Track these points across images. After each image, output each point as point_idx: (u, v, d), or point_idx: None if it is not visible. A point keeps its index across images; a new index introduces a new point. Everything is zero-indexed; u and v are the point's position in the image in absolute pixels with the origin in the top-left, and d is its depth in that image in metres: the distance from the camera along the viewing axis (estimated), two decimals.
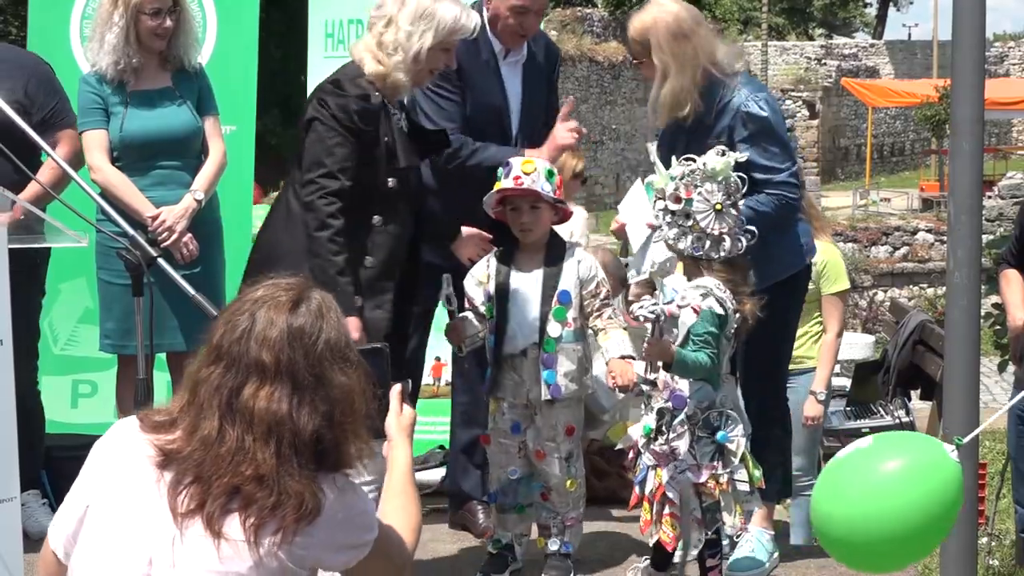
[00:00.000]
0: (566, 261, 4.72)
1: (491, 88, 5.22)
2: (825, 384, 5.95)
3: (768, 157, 4.73)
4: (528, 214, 4.66)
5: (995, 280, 4.91)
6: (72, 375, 6.52)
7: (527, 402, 4.72)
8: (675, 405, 4.33)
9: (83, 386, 6.52)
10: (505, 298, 4.70)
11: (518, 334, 4.70)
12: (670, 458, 4.33)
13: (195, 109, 5.41)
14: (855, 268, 19.02)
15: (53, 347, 6.51)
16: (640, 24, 4.79)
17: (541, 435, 4.72)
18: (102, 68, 5.34)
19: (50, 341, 6.48)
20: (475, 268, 4.80)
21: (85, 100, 5.40)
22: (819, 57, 41.64)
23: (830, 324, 5.94)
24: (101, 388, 6.36)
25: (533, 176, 4.59)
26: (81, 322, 6.43)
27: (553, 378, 4.66)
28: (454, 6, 4.52)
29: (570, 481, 4.75)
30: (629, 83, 32.43)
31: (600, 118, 31.44)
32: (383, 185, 4.44)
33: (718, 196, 4.26)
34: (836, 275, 5.92)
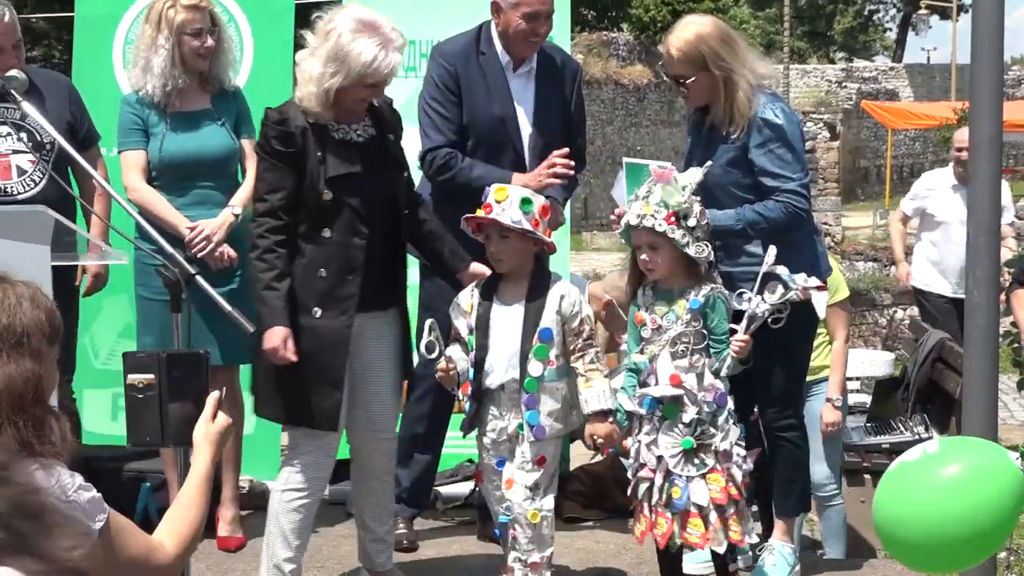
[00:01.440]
0: (548, 295, 4.45)
1: (499, 100, 5.20)
2: (839, 389, 5.97)
3: (780, 165, 4.70)
4: (496, 243, 4.43)
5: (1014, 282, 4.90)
6: (112, 388, 6.52)
7: (508, 436, 4.47)
8: (719, 404, 4.31)
9: (122, 399, 6.53)
10: (485, 331, 4.46)
11: (496, 368, 4.45)
12: (728, 457, 4.31)
13: (233, 131, 5.43)
14: (875, 287, 18.96)
15: (94, 361, 6.53)
16: (684, 42, 4.69)
17: (514, 465, 4.45)
18: (149, 91, 5.35)
19: (91, 355, 6.51)
20: (460, 296, 4.59)
21: (126, 120, 5.42)
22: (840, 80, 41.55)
23: (837, 332, 5.97)
24: None
25: (504, 204, 4.35)
26: (122, 337, 6.45)
27: (536, 419, 4.40)
28: (372, 47, 4.42)
29: (532, 512, 4.40)
30: (653, 105, 32.45)
31: (625, 140, 31.43)
32: (320, 197, 4.48)
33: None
34: (837, 286, 5.95)
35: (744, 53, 4.73)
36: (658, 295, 4.38)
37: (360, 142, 4.61)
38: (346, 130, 4.59)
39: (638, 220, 4.26)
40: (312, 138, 4.50)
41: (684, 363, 4.26)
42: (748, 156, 4.71)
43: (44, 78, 5.50)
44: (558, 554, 5.41)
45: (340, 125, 4.58)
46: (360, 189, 4.53)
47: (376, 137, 4.66)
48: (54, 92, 5.17)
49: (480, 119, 5.16)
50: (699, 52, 4.68)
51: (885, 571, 5.33)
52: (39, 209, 3.73)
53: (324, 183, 4.47)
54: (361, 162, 4.56)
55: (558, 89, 5.33)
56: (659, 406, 4.27)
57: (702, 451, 4.24)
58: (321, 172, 4.48)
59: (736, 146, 4.73)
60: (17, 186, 5.17)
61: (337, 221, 4.50)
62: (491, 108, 5.17)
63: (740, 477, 4.30)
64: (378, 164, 4.62)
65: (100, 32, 6.68)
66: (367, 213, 4.53)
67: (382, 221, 4.59)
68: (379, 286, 4.61)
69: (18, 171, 5.18)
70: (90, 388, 6.45)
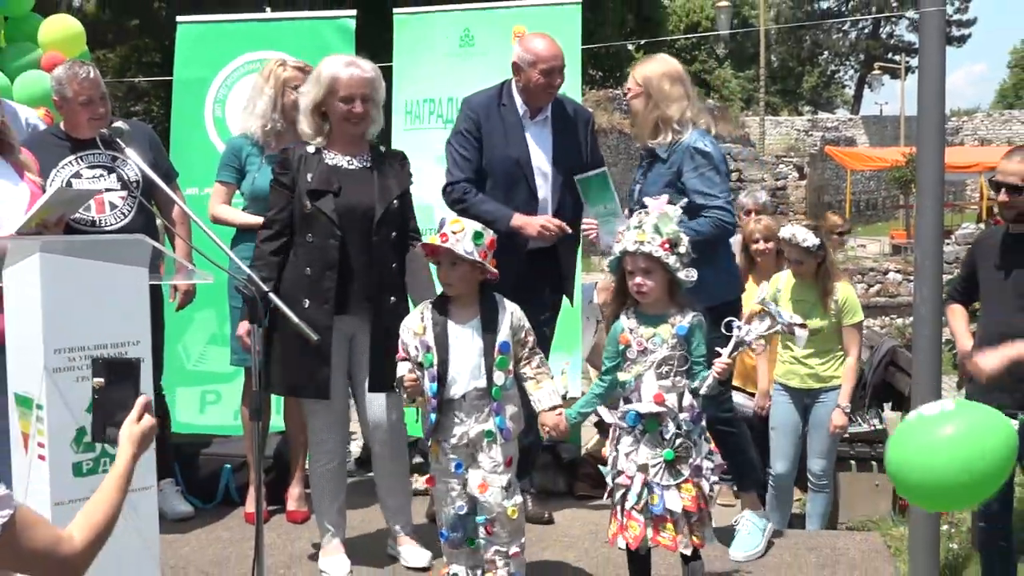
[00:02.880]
0: (500, 315, 4.26)
1: (515, 144, 5.19)
2: (849, 398, 5.87)
3: (709, 185, 4.78)
4: (447, 270, 4.23)
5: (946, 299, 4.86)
6: (201, 387, 6.55)
7: (469, 440, 4.26)
8: (695, 421, 4.05)
9: (209, 395, 6.55)
10: (444, 347, 4.22)
11: (459, 380, 4.22)
12: (699, 471, 4.04)
13: None
14: None
15: (186, 364, 6.55)
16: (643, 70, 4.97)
17: (483, 469, 4.25)
18: (251, 131, 5.42)
19: (183, 359, 6.52)
20: (409, 320, 4.34)
21: (225, 157, 5.53)
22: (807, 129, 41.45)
23: (851, 349, 5.84)
24: (224, 397, 6.39)
25: (459, 235, 4.16)
26: (209, 344, 6.47)
27: (503, 423, 4.23)
28: (338, 63, 4.64)
29: (511, 509, 4.24)
30: None
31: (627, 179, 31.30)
32: (304, 208, 4.58)
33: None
34: (853, 309, 5.86)
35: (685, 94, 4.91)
36: (641, 318, 4.10)
37: (349, 168, 4.68)
38: (339, 158, 4.69)
39: (636, 246, 4.00)
40: (306, 162, 4.66)
41: (668, 383, 4.02)
42: (681, 179, 4.80)
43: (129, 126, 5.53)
44: (570, 526, 5.40)
45: (336, 154, 4.69)
46: (337, 203, 4.59)
47: (368, 169, 4.70)
48: (137, 137, 5.19)
49: (498, 160, 5.16)
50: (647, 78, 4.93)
51: (847, 541, 5.29)
52: (139, 237, 3.75)
53: (305, 195, 4.59)
54: (341, 182, 4.63)
55: (571, 133, 5.32)
56: (641, 421, 4.04)
57: (679, 463, 4.01)
58: (305, 187, 4.60)
59: (671, 171, 4.83)
60: (109, 219, 5.20)
61: (317, 227, 4.59)
62: (508, 151, 5.17)
63: (707, 488, 4.09)
64: (360, 187, 4.64)
65: (194, 92, 6.72)
66: (340, 222, 4.57)
67: (358, 232, 4.60)
68: (361, 289, 4.61)
69: (110, 206, 5.20)
70: (182, 386, 6.46)
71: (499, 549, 4.28)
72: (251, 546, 4.01)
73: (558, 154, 5.24)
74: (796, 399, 5.98)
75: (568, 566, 4.88)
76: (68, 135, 5.28)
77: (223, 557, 5.02)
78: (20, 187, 4.77)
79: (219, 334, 5.80)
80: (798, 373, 5.93)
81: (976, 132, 42.88)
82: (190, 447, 5.94)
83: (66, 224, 4.74)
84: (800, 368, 5.93)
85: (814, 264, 5.81)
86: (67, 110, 5.27)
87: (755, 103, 47.50)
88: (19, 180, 4.79)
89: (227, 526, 5.46)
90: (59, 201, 4.49)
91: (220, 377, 6.31)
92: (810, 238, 5.77)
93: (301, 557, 5.00)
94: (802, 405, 5.99)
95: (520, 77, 5.17)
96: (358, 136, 4.72)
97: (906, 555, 5.00)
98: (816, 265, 5.82)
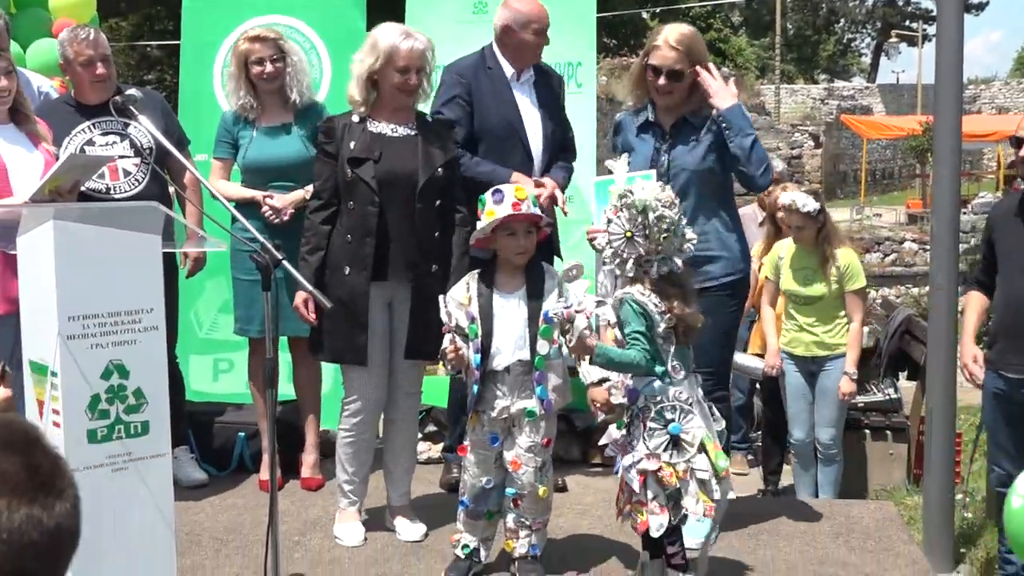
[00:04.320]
0: (547, 283, 4.24)
1: (505, 106, 5.21)
2: (855, 364, 5.88)
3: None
4: (526, 238, 4.19)
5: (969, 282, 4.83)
6: (213, 355, 6.57)
7: (510, 415, 4.24)
8: (629, 400, 3.95)
9: (222, 363, 6.57)
10: (489, 318, 4.20)
11: (503, 351, 4.20)
12: (627, 448, 3.94)
13: (311, 141, 5.42)
14: None
15: (198, 332, 6.56)
16: (683, 36, 4.61)
17: (520, 446, 4.24)
18: (234, 109, 5.46)
19: (195, 327, 6.54)
20: (455, 291, 4.31)
21: (218, 132, 5.54)
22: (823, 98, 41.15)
23: (855, 315, 5.86)
24: (237, 365, 6.41)
25: (527, 203, 4.16)
26: (221, 312, 6.48)
27: (545, 393, 4.20)
28: (396, 33, 4.62)
29: (543, 489, 4.28)
30: None
31: None
32: (346, 177, 4.60)
33: (627, 224, 3.84)
34: (856, 274, 5.87)
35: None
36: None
37: (393, 136, 4.67)
38: (383, 126, 4.68)
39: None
40: (350, 131, 4.66)
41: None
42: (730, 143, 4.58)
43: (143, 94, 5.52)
44: (584, 494, 5.43)
45: (381, 122, 4.68)
46: (377, 170, 4.59)
47: (412, 137, 4.69)
48: (149, 104, 5.18)
49: (491, 123, 5.17)
50: (696, 47, 4.63)
51: (861, 509, 5.30)
52: (152, 205, 3.74)
53: (346, 163, 4.60)
54: (384, 149, 4.63)
55: (552, 93, 5.37)
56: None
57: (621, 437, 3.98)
58: (347, 155, 4.61)
59: (710, 138, 4.64)
60: (123, 185, 5.20)
61: (357, 194, 4.60)
62: (500, 113, 5.18)
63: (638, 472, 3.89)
64: (404, 154, 4.64)
65: (203, 57, 6.70)
66: (380, 189, 4.57)
67: (400, 199, 4.59)
68: (401, 256, 4.62)
69: (123, 173, 5.20)
70: (195, 354, 6.48)
71: (523, 521, 4.31)
72: (265, 513, 4.04)
73: (545, 113, 5.28)
74: (802, 368, 6.00)
75: (582, 535, 4.90)
76: (80, 103, 5.28)
77: (237, 524, 5.05)
78: (34, 155, 4.78)
79: (231, 301, 5.81)
80: (803, 341, 5.95)
81: (993, 101, 42.55)
82: (204, 415, 5.97)
83: (80, 192, 4.75)
84: (805, 336, 5.94)
85: (815, 229, 5.84)
86: (71, 73, 5.29)
87: (770, 72, 47.21)
88: (33, 148, 4.80)
89: (241, 493, 5.50)
90: (72, 167, 4.50)
91: (232, 345, 6.32)
92: (810, 203, 5.79)
93: (315, 524, 5.03)
94: (808, 373, 6.00)
95: (511, 39, 5.18)
96: (408, 105, 4.72)
97: (920, 524, 5.01)
98: (816, 231, 5.83)
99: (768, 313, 6.20)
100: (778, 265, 6.06)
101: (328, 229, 4.66)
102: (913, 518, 5.30)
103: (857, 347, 5.89)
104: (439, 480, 5.61)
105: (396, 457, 4.89)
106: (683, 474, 3.86)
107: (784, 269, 6.01)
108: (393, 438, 4.88)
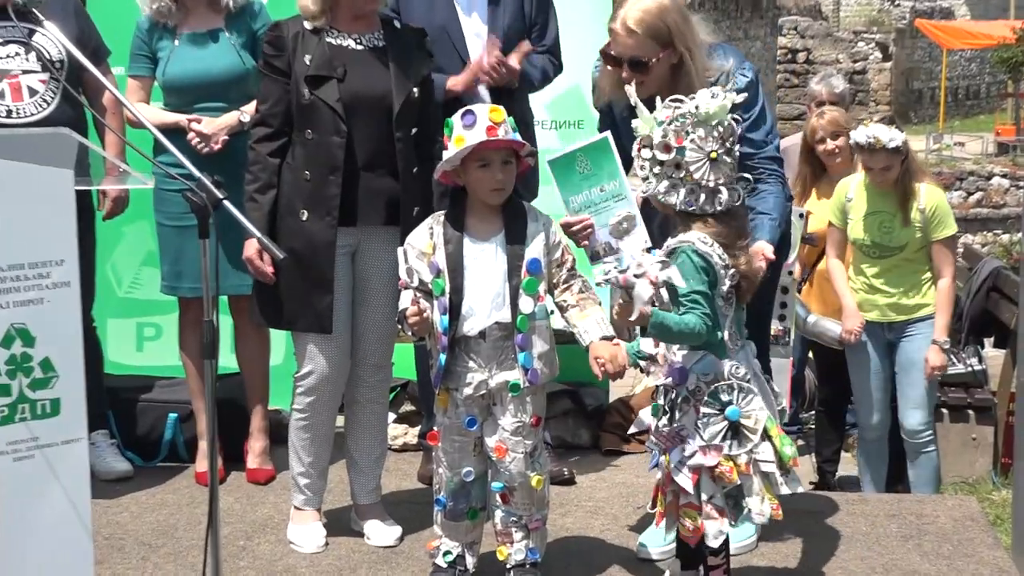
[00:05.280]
0: (530, 224, 4.19)
1: (440, 10, 5.19)
2: (946, 332, 5.82)
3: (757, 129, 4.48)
4: (503, 170, 4.14)
5: None
6: (136, 318, 6.58)
7: (485, 392, 4.21)
8: (675, 380, 3.94)
9: (147, 329, 6.58)
10: (460, 271, 4.15)
11: (477, 312, 4.15)
12: (676, 440, 3.92)
13: (246, 51, 5.40)
14: None
15: (117, 290, 6.57)
16: (645, 14, 4.35)
17: (503, 429, 4.21)
18: (146, 11, 5.43)
19: (114, 284, 6.54)
20: (414, 236, 4.28)
21: (133, 45, 5.52)
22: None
23: (944, 270, 5.79)
24: (166, 331, 6.42)
25: (504, 126, 4.10)
26: (145, 265, 6.47)
27: (530, 362, 4.15)
28: None
29: (536, 479, 4.23)
30: None
31: None
32: (301, 99, 4.59)
33: (712, 144, 3.84)
34: (944, 219, 5.79)
35: (695, 30, 4.44)
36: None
37: (357, 49, 4.68)
38: (345, 36, 4.68)
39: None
40: (303, 42, 4.64)
41: None
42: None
43: None
44: (595, 488, 5.46)
45: (341, 32, 4.68)
46: (342, 91, 4.59)
47: (381, 49, 4.69)
48: (58, 6, 5.15)
49: (425, 27, 5.07)
50: (662, 25, 4.37)
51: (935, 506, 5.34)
52: (62, 131, 3.73)
53: (303, 82, 4.59)
54: (349, 65, 4.63)
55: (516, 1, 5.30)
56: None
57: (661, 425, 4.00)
58: (303, 72, 4.60)
59: None
60: (29, 107, 5.17)
61: (318, 121, 4.60)
62: (432, 18, 5.16)
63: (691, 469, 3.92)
64: (371, 71, 4.65)
65: None
66: (347, 114, 4.58)
67: (370, 126, 4.61)
68: (374, 196, 4.64)
69: (29, 92, 5.18)
70: (114, 318, 6.49)
71: (516, 520, 4.30)
72: (203, 512, 4.06)
73: (497, 10, 5.26)
74: (877, 336, 5.96)
75: (593, 538, 4.95)
76: None
77: (169, 525, 5.08)
78: None
79: (155, 253, 5.81)
80: (876, 304, 5.90)
81: None
82: (127, 392, 5.98)
83: None
84: (879, 297, 5.89)
85: (900, 167, 5.76)
86: None
87: None
88: None
89: (173, 488, 5.53)
90: None
91: (159, 306, 6.33)
92: (896, 136, 5.70)
93: (265, 525, 5.07)
94: (885, 343, 5.97)
95: None
96: (371, 10, 4.72)
97: (1009, 524, 5.05)
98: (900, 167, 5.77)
99: (837, 267, 6.13)
100: (845, 208, 6.01)
101: (278, 163, 4.67)
102: (1000, 517, 5.35)
103: (948, 310, 5.83)
104: (417, 472, 5.65)
105: (362, 444, 4.92)
106: (745, 468, 3.87)
107: (853, 213, 5.97)
108: (359, 421, 4.91)
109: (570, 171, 4.40)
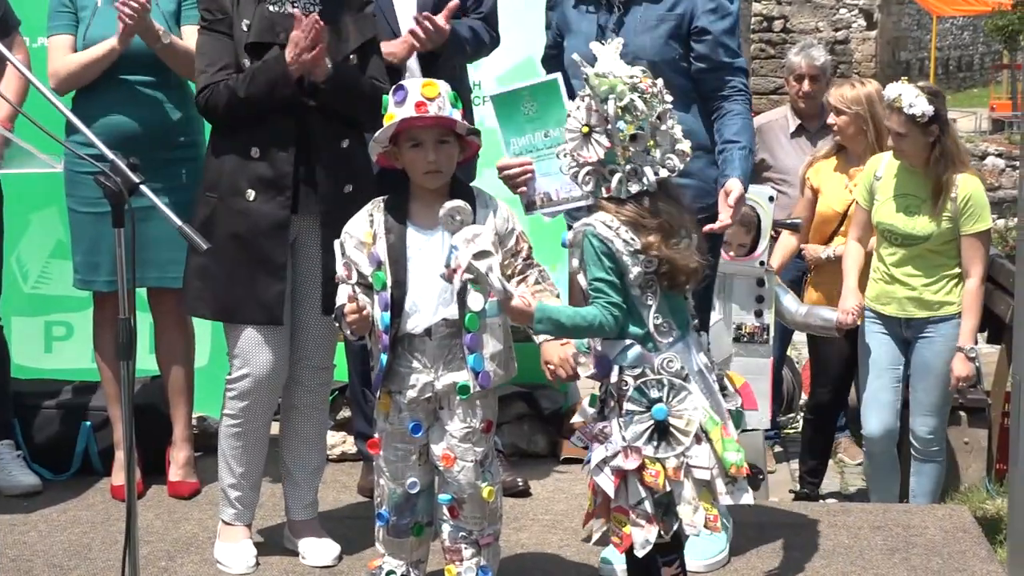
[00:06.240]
0: (479, 211, 4.16)
1: None
2: (973, 338, 5.78)
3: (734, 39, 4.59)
4: (436, 151, 4.14)
5: None
6: (45, 316, 6.55)
7: (431, 395, 4.22)
8: (598, 372, 3.92)
9: (57, 328, 6.55)
10: (402, 263, 4.16)
11: (421, 309, 4.16)
12: (601, 438, 3.90)
13: (172, 16, 5.39)
14: None
15: (23, 285, 6.52)
16: None
17: (451, 435, 4.21)
18: None
19: (19, 278, 6.49)
20: (352, 226, 4.29)
21: (53, 2, 5.45)
22: None
23: (973, 268, 5.75)
24: (77, 330, 6.40)
25: (438, 102, 4.10)
26: (53, 257, 6.44)
27: (481, 364, 4.14)
28: None
29: (488, 489, 4.23)
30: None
31: None
32: (242, 68, 4.61)
33: (583, 116, 3.80)
34: (979, 212, 5.74)
35: None
36: None
37: (296, 9, 4.64)
38: (283, 2, 4.67)
39: None
40: (243, 5, 4.64)
41: None
42: (693, 24, 4.53)
43: None
44: (553, 499, 5.49)
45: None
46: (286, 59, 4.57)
47: (322, 12, 4.66)
48: None
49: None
50: None
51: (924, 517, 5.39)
52: None
53: (243, 49, 4.60)
54: (288, 30, 4.59)
55: None
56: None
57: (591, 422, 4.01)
58: (243, 39, 4.62)
59: (674, 14, 4.54)
60: None
61: None
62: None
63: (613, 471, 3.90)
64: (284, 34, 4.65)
65: None
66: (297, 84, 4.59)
67: (317, 95, 4.62)
68: (311, 175, 4.64)
69: None
70: (19, 316, 6.44)
71: (466, 535, 4.29)
72: (120, 529, 4.07)
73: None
74: (893, 331, 5.93)
75: (551, 554, 4.97)
76: None
77: (82, 545, 5.07)
78: None
79: (66, 243, 5.78)
80: (895, 296, 5.83)
81: None
82: (34, 398, 5.95)
83: None
84: (898, 288, 5.81)
85: (922, 143, 5.71)
86: None
87: None
88: None
89: (87, 503, 5.52)
90: None
91: (70, 303, 6.31)
92: (920, 105, 5.63)
93: (189, 544, 5.07)
94: (901, 340, 5.94)
95: None
96: None
97: (1004, 535, 5.10)
98: (929, 145, 5.72)
99: (853, 249, 6.08)
100: (872, 187, 5.95)
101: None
102: (995, 528, 5.40)
103: (976, 313, 5.79)
104: (356, 484, 5.65)
105: (299, 455, 4.92)
106: (675, 473, 3.82)
107: (880, 193, 5.92)
108: (295, 429, 4.91)
109: (514, 110, 4.43)
